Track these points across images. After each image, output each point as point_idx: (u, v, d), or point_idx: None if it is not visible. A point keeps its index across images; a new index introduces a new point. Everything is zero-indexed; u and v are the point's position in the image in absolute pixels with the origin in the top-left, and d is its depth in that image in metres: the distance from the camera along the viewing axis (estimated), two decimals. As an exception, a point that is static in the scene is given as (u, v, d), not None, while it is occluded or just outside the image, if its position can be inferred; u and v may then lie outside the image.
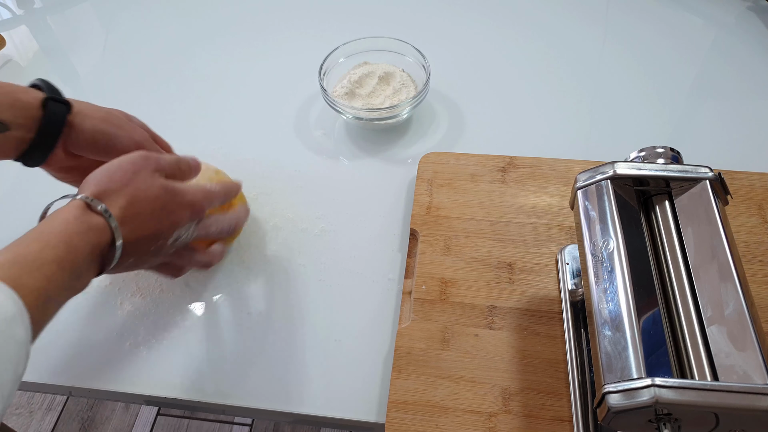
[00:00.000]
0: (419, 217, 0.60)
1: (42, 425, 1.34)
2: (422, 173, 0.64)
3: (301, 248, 0.60)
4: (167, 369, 0.53)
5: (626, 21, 0.86)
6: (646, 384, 0.34)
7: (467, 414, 0.47)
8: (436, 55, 0.73)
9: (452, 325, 0.52)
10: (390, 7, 0.90)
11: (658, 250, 0.43)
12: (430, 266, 0.56)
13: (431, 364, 0.50)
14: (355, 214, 0.63)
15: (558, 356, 0.50)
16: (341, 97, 0.70)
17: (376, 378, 0.51)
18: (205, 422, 1.33)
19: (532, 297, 0.54)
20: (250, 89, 0.79)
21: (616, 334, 0.37)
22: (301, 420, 0.51)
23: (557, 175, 0.62)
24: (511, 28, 0.86)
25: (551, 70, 0.79)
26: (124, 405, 1.36)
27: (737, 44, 0.80)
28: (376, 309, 0.55)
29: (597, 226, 0.43)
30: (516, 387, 0.48)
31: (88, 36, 0.92)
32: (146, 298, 0.57)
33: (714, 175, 0.43)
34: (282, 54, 0.84)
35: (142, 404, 0.65)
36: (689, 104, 0.74)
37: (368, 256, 0.59)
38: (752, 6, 0.86)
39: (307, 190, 0.66)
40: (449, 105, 0.74)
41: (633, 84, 0.76)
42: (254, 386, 0.51)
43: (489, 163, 0.64)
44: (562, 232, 0.58)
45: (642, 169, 0.44)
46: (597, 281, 0.40)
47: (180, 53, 0.86)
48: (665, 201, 0.44)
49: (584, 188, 0.45)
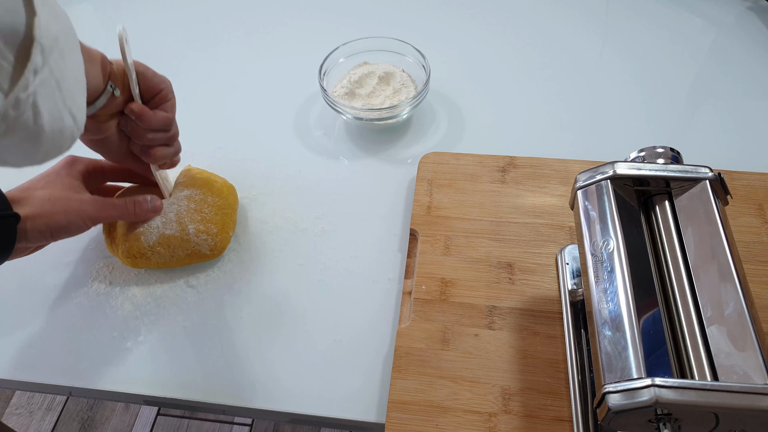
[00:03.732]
0: (419, 217, 0.60)
1: (42, 425, 1.34)
2: (422, 173, 0.64)
3: (301, 248, 0.60)
4: (167, 369, 0.53)
5: (626, 21, 0.86)
6: (646, 384, 0.34)
7: (467, 414, 0.47)
8: (436, 55, 0.73)
9: (452, 325, 0.52)
10: (390, 7, 0.90)
11: (658, 250, 0.43)
12: (430, 266, 0.56)
13: (431, 364, 0.50)
14: (355, 214, 0.63)
15: (558, 356, 0.50)
16: (341, 97, 0.70)
17: (376, 378, 0.51)
18: (205, 422, 1.33)
19: (532, 297, 0.54)
20: (250, 89, 0.79)
21: (616, 334, 0.37)
22: (301, 420, 0.51)
23: (557, 175, 0.62)
24: (511, 28, 0.86)
25: (551, 69, 0.79)
26: (124, 405, 1.36)
27: (737, 44, 0.80)
28: (376, 309, 0.55)
29: (597, 226, 0.43)
30: (516, 387, 0.48)
31: (88, 36, 0.91)
32: (146, 298, 0.57)
33: (714, 175, 0.43)
34: (282, 54, 0.84)
35: (142, 404, 0.65)
36: (689, 104, 0.74)
37: (368, 256, 0.59)
38: (752, 6, 0.86)
39: (307, 190, 0.66)
40: (449, 105, 0.74)
41: (633, 84, 0.76)
42: (254, 386, 0.51)
43: (489, 163, 0.64)
44: (562, 232, 0.58)
45: (642, 169, 0.44)
46: (597, 281, 0.40)
47: (180, 53, 0.86)
48: (665, 201, 0.44)
49: (584, 188, 0.45)
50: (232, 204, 0.61)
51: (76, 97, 0.36)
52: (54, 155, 0.37)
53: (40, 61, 0.31)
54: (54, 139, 0.35)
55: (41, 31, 0.30)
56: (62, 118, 0.34)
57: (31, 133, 0.32)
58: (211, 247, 0.57)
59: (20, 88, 0.30)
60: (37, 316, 0.57)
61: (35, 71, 0.31)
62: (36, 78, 0.31)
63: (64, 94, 0.34)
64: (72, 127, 0.36)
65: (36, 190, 0.50)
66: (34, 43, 0.30)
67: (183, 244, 0.56)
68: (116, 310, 0.57)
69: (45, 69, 0.31)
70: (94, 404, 1.37)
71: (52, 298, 0.58)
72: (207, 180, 0.60)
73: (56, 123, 0.34)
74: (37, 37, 0.30)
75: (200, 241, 0.56)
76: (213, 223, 0.57)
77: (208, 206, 0.58)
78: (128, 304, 0.57)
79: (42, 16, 0.31)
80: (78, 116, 0.37)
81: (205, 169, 0.64)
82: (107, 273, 0.59)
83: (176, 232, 0.56)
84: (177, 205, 0.58)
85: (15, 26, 0.29)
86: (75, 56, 0.36)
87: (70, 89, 0.35)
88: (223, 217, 0.58)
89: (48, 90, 0.32)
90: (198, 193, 0.59)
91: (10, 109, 0.30)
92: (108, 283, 0.59)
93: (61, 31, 0.33)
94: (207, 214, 0.58)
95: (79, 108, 0.37)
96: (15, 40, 0.29)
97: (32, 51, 0.30)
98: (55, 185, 0.51)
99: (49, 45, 0.31)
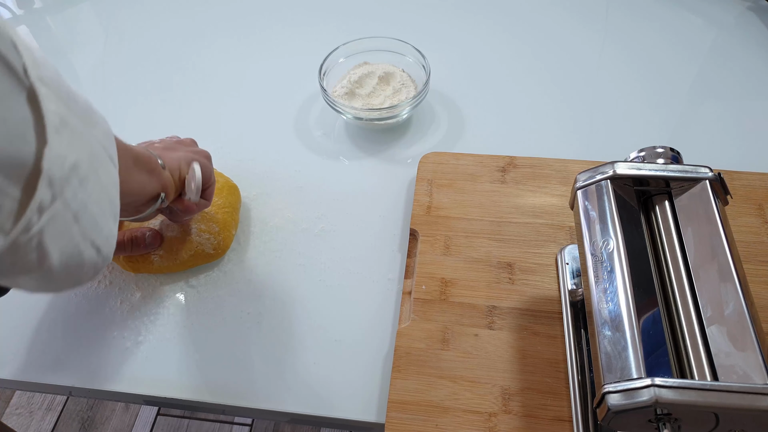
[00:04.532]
0: (419, 217, 0.60)
1: (42, 425, 1.34)
2: (422, 173, 0.64)
3: (301, 248, 0.60)
4: (167, 369, 0.53)
5: (626, 21, 0.86)
6: (646, 384, 0.34)
7: (467, 414, 0.47)
8: (436, 55, 0.73)
9: (452, 325, 0.52)
10: (390, 7, 0.90)
11: (658, 250, 0.43)
12: (430, 266, 0.56)
13: (431, 364, 0.50)
14: (355, 214, 0.63)
15: (558, 356, 0.50)
16: (341, 97, 0.70)
17: (376, 378, 0.51)
18: (205, 422, 1.33)
19: (532, 297, 0.54)
20: (250, 89, 0.79)
21: (616, 334, 0.37)
22: (301, 420, 0.51)
23: (557, 175, 0.62)
24: (511, 27, 0.86)
25: (551, 69, 0.79)
26: (124, 405, 1.36)
27: (737, 44, 0.80)
28: (376, 309, 0.55)
29: (597, 226, 0.43)
30: (516, 387, 0.48)
31: (88, 36, 0.92)
32: (146, 298, 0.57)
33: (714, 175, 0.43)
34: (282, 54, 0.84)
35: (142, 404, 0.65)
36: (689, 104, 0.74)
37: (368, 256, 0.59)
38: (752, 6, 0.86)
39: (307, 190, 0.66)
40: (449, 105, 0.74)
41: (633, 84, 0.76)
42: (254, 386, 0.51)
43: (489, 163, 0.64)
44: (562, 232, 0.58)
45: (642, 169, 0.44)
46: (597, 281, 0.40)
47: (180, 53, 0.86)
48: (665, 201, 0.44)
49: (584, 188, 0.45)
50: (233, 203, 0.61)
51: (102, 225, 0.32)
52: (71, 287, 0.33)
53: (48, 196, 0.27)
54: (70, 275, 0.31)
55: (52, 161, 0.26)
56: (80, 253, 0.31)
57: (36, 276, 0.29)
58: (214, 246, 0.57)
59: (19, 230, 0.26)
60: (37, 316, 0.57)
61: (40, 209, 0.27)
62: (42, 216, 0.27)
63: (83, 227, 0.30)
64: (95, 259, 0.32)
65: None
66: (41, 175, 0.26)
67: (186, 245, 0.56)
68: (116, 310, 0.57)
69: (56, 203, 0.27)
70: (94, 404, 1.37)
71: (52, 298, 0.58)
72: None
73: (72, 259, 0.30)
74: (45, 169, 0.26)
75: (203, 241, 0.56)
76: (214, 222, 0.57)
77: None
78: (128, 304, 0.57)
79: (54, 144, 0.27)
80: (104, 247, 0.33)
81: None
82: (107, 273, 0.59)
83: (178, 234, 0.56)
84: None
85: (22, 157, 0.25)
86: (105, 178, 0.32)
87: (93, 219, 0.31)
88: (224, 215, 0.59)
89: (61, 226, 0.28)
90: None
91: (6, 255, 0.26)
92: (108, 283, 0.59)
93: (85, 155, 0.29)
94: (207, 213, 0.58)
95: (107, 236, 0.33)
96: (22, 172, 0.26)
97: (38, 185, 0.26)
98: None
99: (62, 176, 0.27)
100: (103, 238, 0.32)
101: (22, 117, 0.26)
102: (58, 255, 0.29)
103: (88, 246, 0.31)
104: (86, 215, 0.30)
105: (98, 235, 0.32)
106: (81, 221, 0.30)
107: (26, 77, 0.26)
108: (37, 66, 0.27)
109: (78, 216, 0.29)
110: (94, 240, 0.31)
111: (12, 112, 0.25)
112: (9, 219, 0.25)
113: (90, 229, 0.31)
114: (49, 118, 0.27)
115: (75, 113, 0.29)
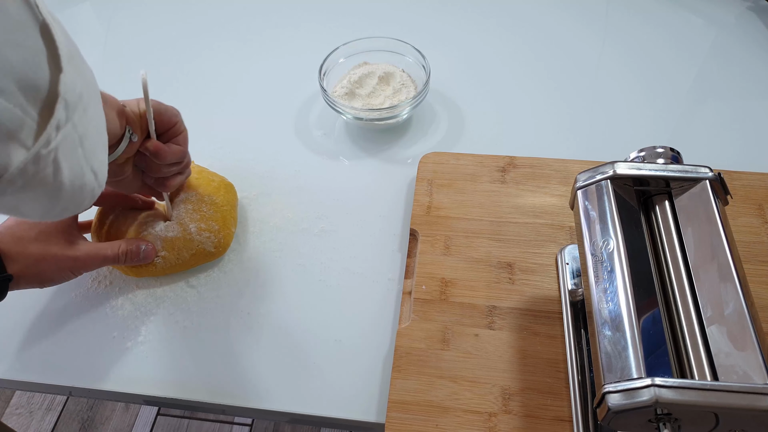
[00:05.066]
0: (419, 217, 0.60)
1: (42, 425, 1.34)
2: (422, 173, 0.64)
3: (301, 248, 0.60)
4: (167, 369, 0.53)
5: (626, 21, 0.86)
6: (646, 384, 0.34)
7: (467, 414, 0.47)
8: (436, 56, 0.73)
9: (452, 325, 0.52)
10: (390, 7, 0.90)
11: (658, 250, 0.43)
12: (430, 266, 0.56)
13: (431, 364, 0.50)
14: (355, 213, 0.63)
15: (558, 356, 0.50)
16: (341, 97, 0.70)
17: (376, 378, 0.51)
18: (205, 422, 1.33)
19: (532, 297, 0.54)
20: (250, 89, 0.79)
21: (616, 334, 0.37)
22: (301, 420, 0.51)
23: (557, 175, 0.62)
24: (511, 27, 0.86)
25: (551, 69, 0.79)
26: (124, 405, 1.36)
27: (737, 44, 0.80)
28: (376, 309, 0.55)
29: (597, 226, 0.43)
30: (516, 387, 0.48)
31: (88, 36, 0.92)
32: (146, 298, 0.57)
33: (714, 175, 0.43)
34: (282, 54, 0.84)
35: (142, 404, 0.65)
36: (689, 104, 0.74)
37: (368, 256, 0.59)
38: (752, 6, 0.86)
39: (307, 190, 0.66)
40: (449, 105, 0.74)
41: (633, 84, 0.76)
42: (254, 386, 0.51)
43: (489, 163, 0.64)
44: (562, 232, 0.58)
45: (642, 169, 0.44)
46: (597, 281, 0.40)
47: (180, 54, 0.86)
48: (665, 201, 0.44)
49: (584, 188, 0.45)
50: (230, 201, 0.61)
51: (98, 153, 0.36)
52: (73, 211, 0.36)
53: (63, 117, 0.30)
54: (74, 196, 0.34)
55: (66, 87, 0.30)
56: (83, 175, 0.34)
57: (50, 189, 0.32)
58: (215, 244, 0.57)
59: (41, 144, 0.29)
60: (37, 316, 0.57)
61: (58, 127, 0.30)
62: (58, 134, 0.30)
63: (86, 151, 0.34)
64: (93, 183, 0.36)
65: (29, 242, 0.50)
66: (59, 99, 0.30)
67: (187, 244, 0.56)
68: (116, 310, 0.57)
69: (68, 125, 0.31)
70: (94, 404, 1.37)
71: (52, 298, 0.58)
72: (202, 180, 0.61)
73: (77, 179, 0.33)
74: (61, 93, 0.30)
75: (204, 239, 0.56)
76: (213, 221, 0.57)
77: (206, 205, 0.58)
78: (128, 304, 0.57)
79: (68, 72, 0.30)
80: (99, 173, 0.36)
81: (205, 168, 0.64)
82: (107, 273, 0.59)
83: (178, 234, 0.56)
84: (175, 208, 0.58)
85: (38, 82, 0.29)
86: (97, 112, 0.36)
87: (92, 145, 0.34)
88: (222, 214, 0.59)
89: (70, 146, 0.32)
90: (194, 194, 0.59)
91: (29, 165, 0.29)
92: (108, 283, 0.59)
93: (86, 88, 0.33)
94: (206, 212, 0.58)
95: (101, 164, 0.36)
96: (39, 96, 0.29)
97: (56, 107, 0.30)
98: (48, 237, 0.51)
99: (73, 101, 0.31)
100: (99, 163, 0.36)
101: (39, 46, 0.29)
102: (68, 172, 0.32)
103: (89, 170, 0.34)
104: (87, 140, 0.33)
105: (95, 160, 0.35)
106: (84, 145, 0.33)
107: (39, 12, 0.29)
108: (44, 5, 0.30)
109: (82, 139, 0.33)
110: (93, 165, 0.35)
111: (31, 41, 0.28)
112: (30, 136, 0.29)
113: (90, 153, 0.34)
114: (62, 49, 0.30)
115: (75, 50, 0.33)
